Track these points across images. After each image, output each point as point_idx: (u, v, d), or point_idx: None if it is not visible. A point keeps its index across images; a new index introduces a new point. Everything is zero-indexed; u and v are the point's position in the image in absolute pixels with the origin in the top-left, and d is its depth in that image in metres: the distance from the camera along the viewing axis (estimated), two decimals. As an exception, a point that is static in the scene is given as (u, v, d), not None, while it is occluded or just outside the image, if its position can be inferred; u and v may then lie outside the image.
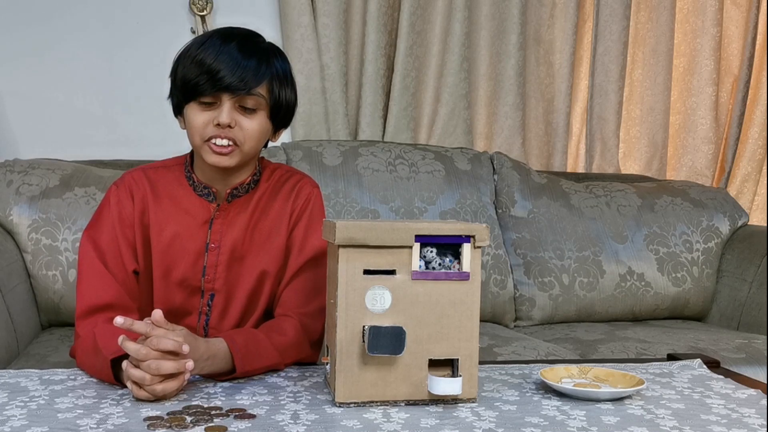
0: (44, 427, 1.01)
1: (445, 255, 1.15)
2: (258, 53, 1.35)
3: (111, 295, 1.35)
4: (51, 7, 2.45)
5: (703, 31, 2.89)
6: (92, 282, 1.36)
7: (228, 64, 1.31)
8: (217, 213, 1.43)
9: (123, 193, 1.42)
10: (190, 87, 1.33)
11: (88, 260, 1.38)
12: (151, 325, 1.15)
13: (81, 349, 1.30)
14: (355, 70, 2.62)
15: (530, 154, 2.81)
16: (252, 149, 1.38)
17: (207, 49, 1.33)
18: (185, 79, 1.34)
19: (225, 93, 1.32)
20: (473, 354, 1.15)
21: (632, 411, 1.13)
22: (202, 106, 1.34)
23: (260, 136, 1.38)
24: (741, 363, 1.91)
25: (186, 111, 1.37)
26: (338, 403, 1.12)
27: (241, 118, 1.34)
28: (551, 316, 2.37)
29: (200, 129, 1.34)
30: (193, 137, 1.36)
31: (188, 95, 1.34)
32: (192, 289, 1.44)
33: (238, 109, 1.34)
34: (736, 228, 2.58)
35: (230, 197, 1.43)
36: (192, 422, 1.03)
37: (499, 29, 2.71)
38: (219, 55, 1.31)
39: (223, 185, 1.43)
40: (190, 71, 1.33)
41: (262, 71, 1.33)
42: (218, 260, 1.43)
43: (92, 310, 1.34)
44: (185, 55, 1.36)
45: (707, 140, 2.92)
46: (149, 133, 2.49)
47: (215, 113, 1.33)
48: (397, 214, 2.30)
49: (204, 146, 1.35)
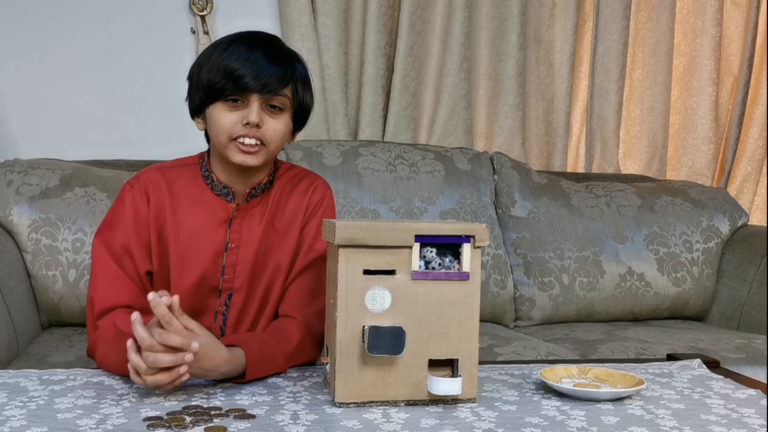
0: (44, 428, 1.01)
1: (445, 255, 1.15)
2: (283, 58, 1.37)
3: (127, 296, 1.35)
4: (51, 7, 2.45)
5: (703, 31, 2.89)
6: (107, 284, 1.36)
7: (255, 69, 1.32)
8: (236, 213, 1.43)
9: (138, 194, 1.41)
10: (216, 90, 1.34)
11: (101, 261, 1.37)
12: (171, 316, 1.14)
13: (101, 344, 1.30)
14: (355, 70, 2.62)
15: (530, 154, 2.81)
16: (276, 149, 1.40)
17: (232, 55, 1.34)
18: (210, 83, 1.35)
19: (253, 94, 1.33)
20: (473, 354, 1.15)
21: (632, 411, 1.13)
22: (229, 106, 1.35)
23: (284, 137, 1.40)
24: (741, 363, 1.91)
25: (210, 111, 1.37)
26: (338, 404, 1.12)
27: (268, 118, 1.36)
28: (551, 316, 2.37)
29: (228, 128, 1.35)
30: (219, 136, 1.36)
31: (214, 96, 1.35)
32: (210, 289, 1.43)
33: (266, 109, 1.36)
34: (736, 228, 2.58)
35: (249, 197, 1.44)
36: (192, 422, 1.03)
37: (499, 29, 2.71)
38: (245, 62, 1.33)
39: (243, 185, 1.43)
40: (216, 76, 1.34)
41: (288, 75, 1.36)
42: (237, 259, 1.43)
43: (108, 312, 1.33)
44: (208, 60, 1.37)
45: (707, 140, 2.91)
46: (149, 133, 2.49)
47: (243, 113, 1.34)
48: (397, 214, 2.30)
49: (231, 145, 1.36)
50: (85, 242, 2.05)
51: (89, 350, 1.38)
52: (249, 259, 1.43)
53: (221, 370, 1.20)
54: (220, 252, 1.43)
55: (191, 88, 1.41)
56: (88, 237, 2.05)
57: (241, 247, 1.43)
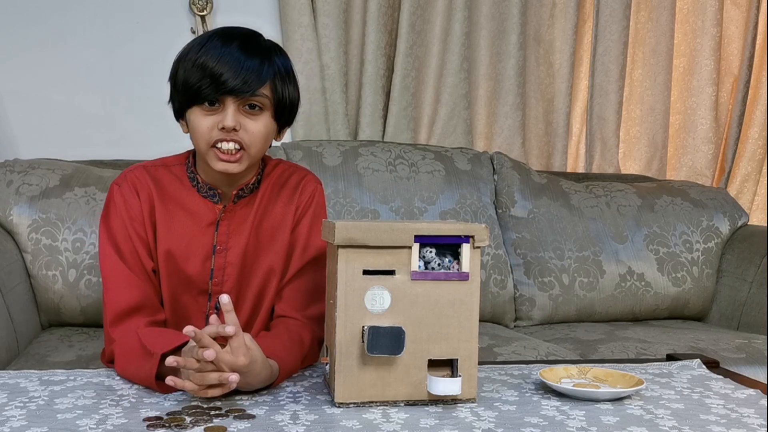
0: (44, 428, 1.01)
1: (445, 255, 1.15)
2: (260, 53, 1.33)
3: (137, 296, 1.34)
4: (51, 6, 2.45)
5: (703, 31, 2.89)
6: (117, 286, 1.34)
7: (231, 66, 1.28)
8: (223, 215, 1.41)
9: (128, 192, 1.39)
10: (193, 92, 1.31)
11: (109, 264, 1.36)
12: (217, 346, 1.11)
13: (120, 354, 1.28)
14: (355, 70, 2.62)
15: (530, 154, 2.81)
16: (259, 152, 1.36)
17: (208, 51, 1.30)
18: (187, 83, 1.31)
19: (229, 96, 1.30)
20: (473, 354, 1.15)
21: (631, 411, 1.13)
22: (205, 110, 1.31)
23: (266, 138, 1.36)
24: (741, 363, 1.91)
25: (189, 116, 1.34)
26: (338, 404, 1.12)
27: (246, 121, 1.32)
28: (551, 316, 2.37)
29: (205, 134, 1.32)
30: (199, 143, 1.34)
31: (190, 100, 1.32)
32: (198, 292, 1.42)
33: (243, 110, 1.32)
34: (736, 228, 2.58)
35: (236, 198, 1.41)
36: (191, 422, 1.03)
37: (499, 29, 2.71)
38: (221, 57, 1.29)
39: (229, 187, 1.41)
40: (192, 75, 1.30)
41: (265, 71, 1.31)
42: (226, 262, 1.41)
43: (122, 314, 1.32)
44: (185, 58, 1.34)
45: (707, 140, 2.91)
46: (149, 133, 2.49)
47: (219, 117, 1.31)
48: (397, 214, 2.30)
49: (210, 152, 1.33)
50: (85, 242, 2.05)
51: (104, 356, 1.37)
52: (237, 261, 1.41)
53: (261, 384, 1.19)
54: (208, 255, 1.41)
55: (171, 90, 1.38)
56: (88, 237, 2.05)
57: (230, 249, 1.41)
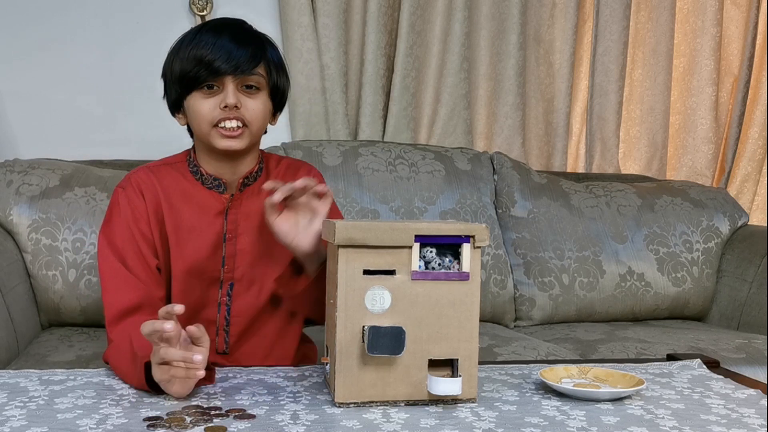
0: (44, 428, 1.01)
1: (445, 255, 1.15)
2: (251, 40, 1.39)
3: (136, 296, 1.35)
4: (51, 6, 2.45)
5: (703, 31, 2.89)
6: (116, 286, 1.36)
7: (225, 50, 1.34)
8: (231, 203, 1.44)
9: (132, 193, 1.42)
10: (191, 78, 1.35)
11: (107, 264, 1.37)
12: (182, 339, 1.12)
13: (114, 356, 1.28)
14: (355, 70, 2.62)
15: (530, 154, 2.81)
16: (259, 130, 1.41)
17: (200, 43, 1.36)
18: (183, 73, 1.36)
19: (227, 76, 1.34)
20: (473, 354, 1.15)
21: (632, 411, 1.13)
22: (204, 93, 1.36)
23: (264, 116, 1.41)
24: (741, 363, 1.91)
25: (188, 102, 1.39)
26: (338, 404, 1.12)
27: (246, 99, 1.37)
28: (551, 316, 2.37)
29: (207, 115, 1.36)
30: (200, 125, 1.38)
31: (189, 87, 1.37)
32: (211, 281, 1.44)
33: (242, 90, 1.37)
34: (736, 228, 2.58)
35: (242, 186, 1.44)
36: (192, 422, 1.03)
37: (499, 29, 2.71)
38: (214, 47, 1.34)
39: (232, 175, 1.44)
40: (187, 66, 1.35)
41: (258, 55, 1.37)
42: (237, 250, 1.43)
43: (121, 314, 1.33)
44: (177, 52, 1.39)
45: (707, 140, 2.91)
46: (149, 133, 2.49)
47: (220, 97, 1.36)
48: (397, 214, 2.30)
49: (213, 132, 1.37)
50: (86, 242, 2.05)
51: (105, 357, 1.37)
52: (248, 248, 1.44)
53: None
54: (218, 243, 1.43)
55: (166, 84, 1.42)
56: (89, 237, 2.05)
57: (239, 237, 1.44)
